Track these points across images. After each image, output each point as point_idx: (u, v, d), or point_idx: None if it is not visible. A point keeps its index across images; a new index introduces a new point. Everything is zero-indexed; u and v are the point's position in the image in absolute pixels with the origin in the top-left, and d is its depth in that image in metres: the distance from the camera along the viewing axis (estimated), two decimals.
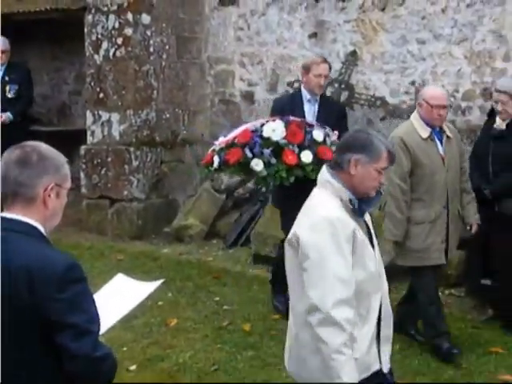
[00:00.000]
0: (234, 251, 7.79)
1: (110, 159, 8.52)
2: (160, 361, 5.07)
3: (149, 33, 8.50)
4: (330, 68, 5.97)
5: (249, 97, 8.84)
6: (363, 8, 7.87)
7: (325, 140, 5.24)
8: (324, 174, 3.02)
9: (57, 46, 10.61)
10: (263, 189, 8.38)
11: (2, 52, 8.63)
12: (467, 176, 5.33)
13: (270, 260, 7.21)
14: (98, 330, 2.41)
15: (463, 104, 7.41)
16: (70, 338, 2.32)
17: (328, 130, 5.35)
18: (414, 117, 5.17)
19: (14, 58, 8.98)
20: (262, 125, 5.23)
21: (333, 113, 5.76)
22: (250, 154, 5.09)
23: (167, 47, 8.68)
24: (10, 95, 8.66)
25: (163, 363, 5.03)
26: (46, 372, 2.38)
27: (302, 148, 5.15)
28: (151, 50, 8.53)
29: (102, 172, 8.55)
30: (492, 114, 5.76)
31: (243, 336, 5.50)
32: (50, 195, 2.43)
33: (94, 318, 2.40)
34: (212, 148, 5.39)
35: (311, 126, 5.31)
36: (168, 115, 8.77)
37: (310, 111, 5.75)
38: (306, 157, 5.12)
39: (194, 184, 8.95)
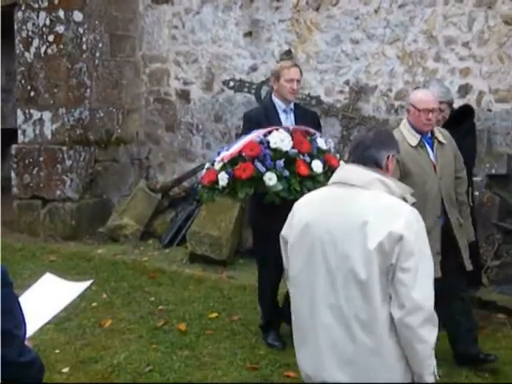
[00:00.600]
0: (170, 251, 7.74)
1: (42, 158, 8.37)
2: (94, 362, 4.97)
3: (81, 30, 8.37)
4: (301, 72, 5.44)
5: (184, 95, 8.80)
6: (297, 7, 7.92)
7: (328, 147, 4.97)
8: (368, 173, 2.84)
9: None
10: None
11: None
12: (465, 187, 5.00)
13: (206, 259, 7.21)
14: (24, 334, 2.34)
15: (396, 103, 7.53)
16: None
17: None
18: (403, 124, 4.86)
19: None
20: (265, 135, 4.78)
21: (308, 121, 5.27)
22: (262, 168, 4.63)
23: (100, 45, 8.57)
24: None
25: (97, 365, 4.93)
26: None
27: (311, 157, 4.78)
28: (84, 47, 8.40)
29: (34, 172, 8.39)
30: None
31: (179, 336, 5.45)
32: None
33: (20, 323, 2.34)
34: (207, 166, 4.90)
35: (313, 133, 4.97)
36: (102, 114, 8.66)
37: (287, 122, 5.27)
38: (317, 167, 4.75)
39: (129, 183, 8.86)
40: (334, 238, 2.77)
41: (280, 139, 4.73)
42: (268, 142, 4.72)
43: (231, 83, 8.15)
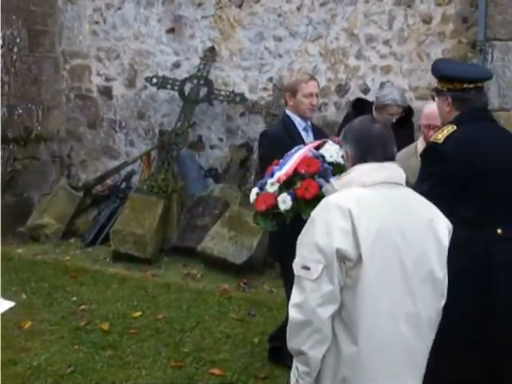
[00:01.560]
0: (93, 250, 7.61)
1: None
2: (13, 365, 4.82)
3: None
4: (319, 85, 5.02)
5: (106, 92, 8.66)
6: (220, 4, 7.90)
7: None
8: (402, 171, 2.76)
9: None
10: (123, 185, 8.27)
11: None
12: None
13: (130, 257, 7.12)
14: None
15: (320, 100, 7.57)
16: None
17: None
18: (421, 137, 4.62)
19: None
20: (316, 149, 4.21)
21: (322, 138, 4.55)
22: (325, 184, 3.98)
23: (18, 40, 8.33)
24: None
25: (16, 367, 4.79)
26: None
27: None
28: (1, 42, 8.16)
29: None
30: (360, 108, 5.81)
31: (101, 336, 5.36)
32: None
33: None
34: (257, 192, 4.17)
35: None
36: (21, 111, 8.43)
37: (308, 140, 4.67)
38: None
39: (50, 181, 8.67)
40: (409, 241, 2.63)
41: (335, 152, 4.17)
42: (323, 156, 4.16)
43: (154, 80, 8.06)
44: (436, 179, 3.39)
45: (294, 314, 2.59)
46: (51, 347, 5.15)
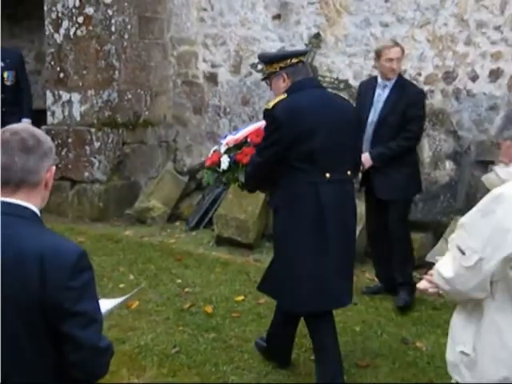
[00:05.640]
0: (197, 233, 7.77)
1: (70, 140, 8.41)
2: (121, 343, 4.99)
3: (110, 12, 8.37)
4: (403, 51, 5.92)
5: (212, 78, 8.78)
6: None
7: None
8: None
9: (15, 25, 10.41)
10: None
11: None
12: None
13: (233, 242, 7.22)
14: (102, 320, 2.35)
15: (426, 88, 7.43)
16: (78, 326, 2.24)
17: None
18: None
19: None
20: None
21: (404, 99, 5.69)
22: None
23: (129, 27, 8.56)
24: (8, 83, 8.21)
25: (124, 346, 4.97)
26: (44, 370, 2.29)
27: None
28: (113, 29, 8.41)
29: (63, 153, 8.42)
30: None
31: (205, 318, 5.48)
32: (50, 177, 2.41)
33: (99, 308, 2.35)
34: (214, 149, 4.75)
35: None
36: (130, 96, 8.68)
37: (380, 97, 5.78)
38: None
39: (157, 166, 8.89)
40: None
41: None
42: None
43: (259, 66, 8.10)
44: (272, 139, 4.04)
45: (443, 284, 2.68)
46: (157, 327, 5.31)
